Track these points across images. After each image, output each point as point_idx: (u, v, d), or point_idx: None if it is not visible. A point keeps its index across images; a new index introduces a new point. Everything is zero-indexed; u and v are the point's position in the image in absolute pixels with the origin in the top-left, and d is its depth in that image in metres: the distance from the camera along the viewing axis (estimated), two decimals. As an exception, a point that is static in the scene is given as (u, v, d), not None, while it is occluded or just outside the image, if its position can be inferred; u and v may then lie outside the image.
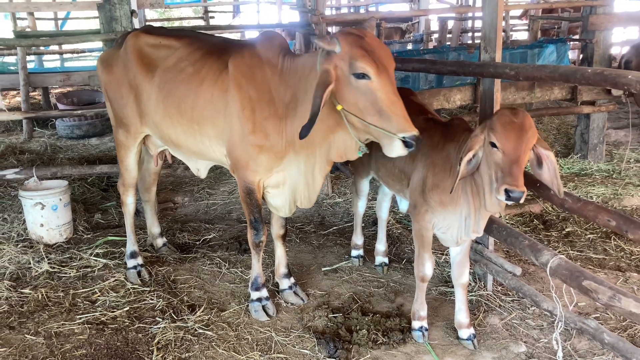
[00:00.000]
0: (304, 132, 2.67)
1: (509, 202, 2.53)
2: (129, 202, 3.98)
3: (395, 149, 2.65)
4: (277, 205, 3.36)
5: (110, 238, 4.61)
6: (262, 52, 3.07)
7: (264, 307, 3.43)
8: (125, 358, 3.10)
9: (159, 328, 3.33)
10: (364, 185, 3.94)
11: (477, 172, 2.74)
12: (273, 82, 3.02)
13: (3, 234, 4.75)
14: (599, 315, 3.42)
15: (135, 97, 3.51)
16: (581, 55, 6.47)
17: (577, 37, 6.69)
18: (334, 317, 3.37)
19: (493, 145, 2.56)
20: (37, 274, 4.03)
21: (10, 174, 4.81)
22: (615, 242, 4.41)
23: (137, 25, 7.69)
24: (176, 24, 22.27)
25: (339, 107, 2.74)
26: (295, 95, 2.99)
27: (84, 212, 5.21)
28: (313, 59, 2.88)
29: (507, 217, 4.94)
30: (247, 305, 3.51)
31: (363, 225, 4.24)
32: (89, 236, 4.78)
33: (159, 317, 3.45)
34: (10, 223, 4.91)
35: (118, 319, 3.45)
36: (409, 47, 10.24)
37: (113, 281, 3.91)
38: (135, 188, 4.01)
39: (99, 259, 4.23)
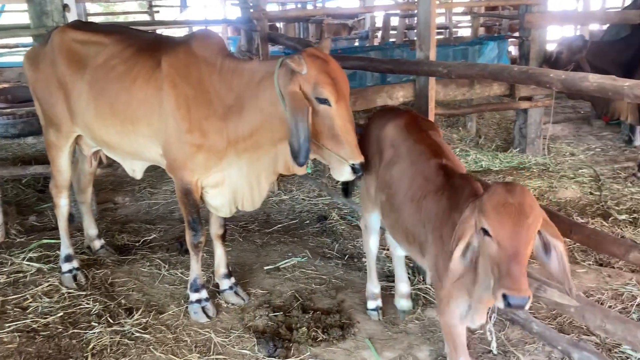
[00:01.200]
0: (302, 160, 2.69)
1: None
2: (62, 205, 3.84)
3: (344, 174, 2.78)
4: (216, 206, 3.31)
5: (45, 241, 4.44)
6: (198, 51, 3.01)
7: (203, 309, 3.38)
8: (55, 366, 3.00)
9: (94, 333, 3.24)
10: (373, 220, 3.25)
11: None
12: (211, 82, 2.97)
13: None
14: (531, 305, 3.53)
15: (65, 95, 3.39)
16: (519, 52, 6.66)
17: (516, 34, 6.86)
18: (274, 316, 3.36)
19: (485, 232, 1.97)
20: (-37, 281, 3.85)
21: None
22: (549, 234, 4.56)
23: (71, 20, 7.43)
24: (121, 18, 21.73)
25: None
26: (241, 99, 2.95)
27: (17, 214, 5.01)
28: (266, 69, 2.88)
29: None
30: (187, 307, 3.45)
31: (378, 265, 3.67)
32: (22, 240, 4.59)
33: (95, 322, 3.35)
34: (-63, 228, 4.66)
35: (51, 325, 3.33)
36: (356, 43, 10.30)
37: (47, 286, 3.77)
38: (69, 189, 3.87)
39: (32, 264, 4.07)
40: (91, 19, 17.34)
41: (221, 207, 3.30)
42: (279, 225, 4.87)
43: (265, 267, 4.01)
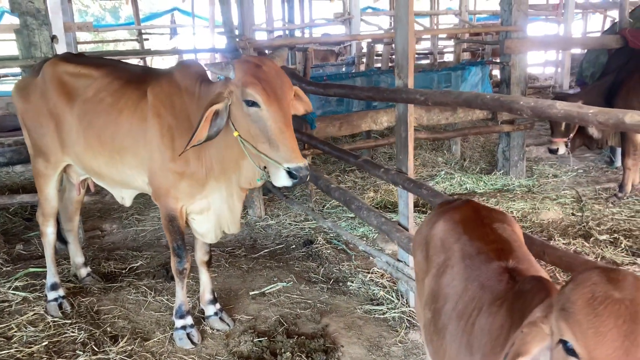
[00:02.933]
0: (184, 148, 2.75)
1: None
2: (48, 233, 3.87)
3: (280, 179, 2.70)
4: (202, 232, 3.36)
5: (31, 270, 4.44)
6: (180, 80, 3.10)
7: (188, 335, 3.40)
8: (40, 396, 3.00)
9: (81, 361, 3.25)
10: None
11: None
12: (192, 110, 3.05)
13: None
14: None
15: (56, 126, 3.45)
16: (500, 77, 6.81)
17: (497, 59, 7.03)
18: (259, 341, 3.38)
19: (570, 351, 1.22)
20: (-51, 311, 3.84)
21: None
22: (531, 255, 4.63)
23: (60, 51, 7.53)
24: (111, 45, 21.91)
25: (235, 134, 2.82)
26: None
27: (4, 243, 5.01)
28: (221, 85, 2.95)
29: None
30: (172, 334, 3.47)
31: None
32: (8, 268, 4.59)
33: (80, 351, 3.35)
34: None
35: (35, 355, 3.33)
36: (343, 69, 10.47)
37: (32, 315, 3.77)
38: (56, 218, 3.90)
39: (17, 293, 4.08)
40: (82, 46, 17.51)
41: (207, 232, 3.35)
42: (265, 250, 4.91)
43: (251, 293, 4.04)
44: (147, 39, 17.05)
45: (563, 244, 4.78)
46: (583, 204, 5.77)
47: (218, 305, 3.63)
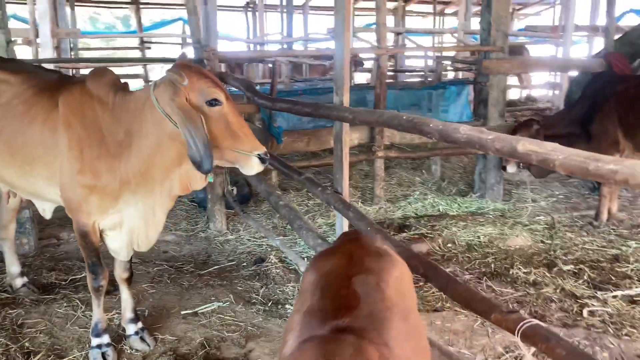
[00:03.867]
0: (207, 167, 2.72)
1: None
2: (-27, 241, 3.76)
3: (254, 167, 2.84)
4: (114, 249, 3.23)
5: (-31, 278, 4.34)
6: (93, 89, 2.99)
7: (103, 354, 3.25)
8: None
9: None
10: None
11: None
12: (104, 120, 2.94)
13: None
14: None
15: None
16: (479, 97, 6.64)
17: (475, 79, 6.89)
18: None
19: None
20: None
21: None
22: (487, 284, 4.44)
23: (44, 56, 7.44)
24: (119, 53, 22.00)
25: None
26: (129, 131, 2.92)
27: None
28: (145, 94, 2.87)
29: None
30: (87, 353, 3.32)
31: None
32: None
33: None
34: None
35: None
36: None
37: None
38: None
39: (-53, 301, 3.97)
40: (88, 53, 17.62)
41: (119, 249, 3.22)
42: (215, 267, 4.76)
43: (183, 312, 3.88)
44: (149, 48, 17.11)
45: (523, 272, 4.58)
46: (555, 231, 5.56)
47: (140, 324, 3.48)
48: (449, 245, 5.24)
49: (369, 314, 1.70)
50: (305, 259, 4.63)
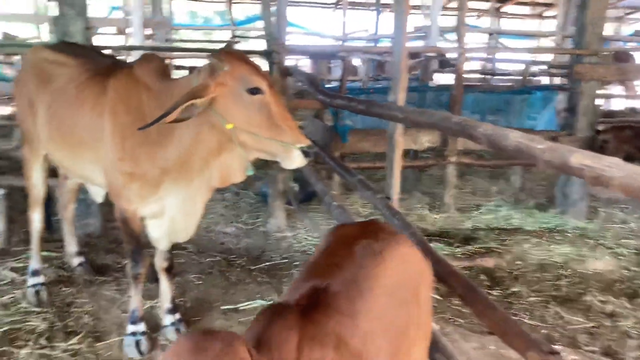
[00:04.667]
0: (143, 127, 2.61)
1: None
2: (35, 219, 3.89)
3: (296, 160, 2.67)
4: (155, 237, 3.20)
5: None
6: (140, 75, 2.95)
7: (137, 343, 3.23)
8: (-28, 382, 2.96)
9: (24, 353, 3.18)
10: None
11: None
12: (148, 107, 2.89)
13: (-62, 237, 4.74)
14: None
15: (33, 114, 3.44)
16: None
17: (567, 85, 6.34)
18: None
19: None
20: (-59, 283, 3.97)
21: (-50, 178, 4.83)
22: (555, 309, 4.03)
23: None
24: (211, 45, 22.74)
25: (229, 126, 2.65)
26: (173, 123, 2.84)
27: (24, 223, 5.16)
28: (189, 81, 2.78)
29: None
30: (123, 339, 3.32)
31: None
32: (19, 248, 4.70)
33: (31, 342, 3.30)
34: (-53, 228, 4.91)
35: (-10, 338, 3.32)
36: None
37: (8, 298, 3.80)
38: (43, 204, 3.91)
39: (10, 273, 4.15)
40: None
41: (160, 238, 3.18)
42: (267, 264, 4.67)
43: (224, 307, 3.81)
44: (238, 42, 17.47)
45: (599, 300, 4.12)
46: (644, 257, 4.98)
47: (177, 316, 3.44)
48: (518, 262, 4.84)
49: (353, 280, 1.76)
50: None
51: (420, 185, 7.11)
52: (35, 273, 3.87)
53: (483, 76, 12.66)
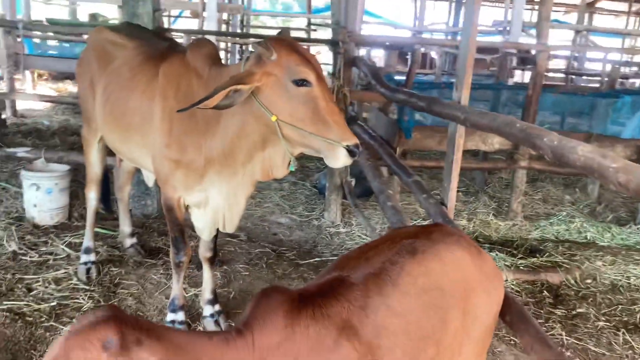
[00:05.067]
0: (182, 110, 2.51)
1: None
2: (90, 198, 3.94)
3: (340, 159, 2.47)
4: (198, 227, 3.14)
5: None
6: (191, 61, 2.87)
7: (175, 331, 3.19)
8: (15, 356, 3.01)
9: (66, 330, 3.22)
10: None
11: None
12: (197, 94, 2.80)
13: (5, 207, 4.95)
14: None
15: (93, 94, 3.46)
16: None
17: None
18: None
19: None
20: (3, 253, 4.11)
21: (20, 152, 5.02)
22: (625, 337, 3.65)
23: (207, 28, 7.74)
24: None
25: (273, 118, 2.51)
26: (220, 111, 2.75)
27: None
28: (238, 68, 2.66)
29: (514, 282, 4.31)
30: (162, 325, 3.30)
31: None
32: (79, 224, 4.83)
33: (76, 319, 3.34)
34: (15, 199, 5.12)
35: (38, 312, 3.39)
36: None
37: (61, 273, 3.88)
38: (99, 184, 3.96)
39: (66, 249, 4.24)
40: (261, 31, 18.46)
41: (203, 228, 3.12)
42: (316, 259, 4.54)
43: (266, 301, 3.71)
44: (314, 30, 17.40)
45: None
46: None
47: (217, 307, 3.38)
48: (588, 281, 4.45)
49: (376, 275, 1.71)
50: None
51: (488, 188, 6.74)
52: (88, 250, 3.93)
53: (567, 76, 11.93)
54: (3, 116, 6.64)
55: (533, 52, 9.06)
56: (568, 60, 10.52)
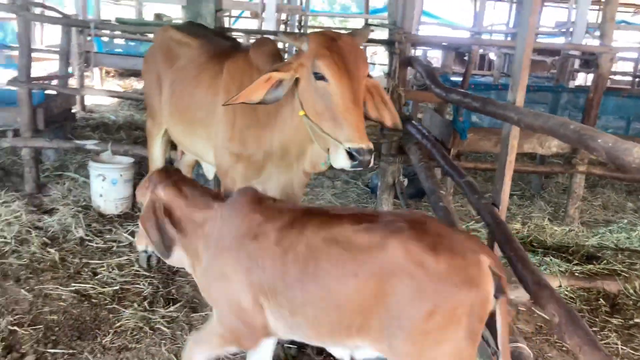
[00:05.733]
0: (227, 103, 2.64)
1: None
2: (152, 189, 4.13)
3: (339, 160, 2.43)
4: (257, 220, 3.24)
5: (154, 220, 4.84)
6: (254, 58, 2.98)
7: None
8: (82, 333, 3.22)
9: (128, 313, 3.41)
10: None
11: None
12: None
13: (74, 196, 5.26)
14: None
15: (159, 91, 3.64)
16: None
17: None
18: (288, 347, 3.16)
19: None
20: (71, 238, 4.38)
21: (89, 144, 5.30)
22: (686, 350, 3.53)
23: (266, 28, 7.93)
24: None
25: (301, 113, 2.60)
26: (278, 102, 2.85)
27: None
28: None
29: (568, 288, 4.22)
30: (215, 313, 3.44)
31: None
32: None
33: (137, 303, 3.53)
34: (83, 188, 5.42)
35: (102, 295, 3.61)
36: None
37: (124, 259, 4.10)
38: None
39: (129, 237, 4.47)
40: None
41: (261, 221, 3.22)
42: (366, 257, 4.58)
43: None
44: (372, 31, 17.36)
45: None
46: None
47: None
48: (648, 291, 4.30)
49: (322, 222, 2.15)
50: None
51: (544, 192, 6.59)
52: (149, 239, 4.12)
53: (635, 79, 11.44)
54: (73, 110, 7.00)
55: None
56: (635, 63, 10.08)
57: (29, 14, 5.03)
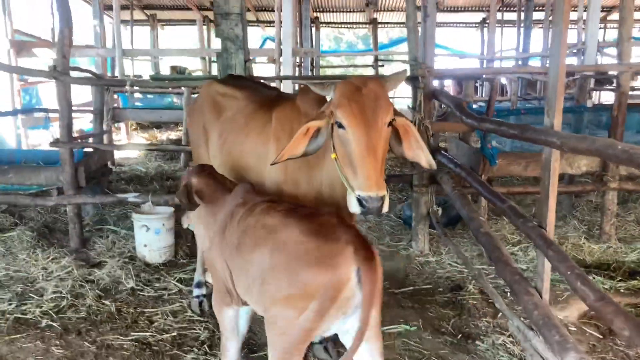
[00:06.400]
0: (274, 162, 2.85)
1: None
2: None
3: (351, 205, 2.60)
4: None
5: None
6: (301, 105, 3.16)
7: None
8: (148, 380, 3.32)
9: (190, 358, 3.51)
10: None
11: None
12: None
13: (118, 248, 5.42)
14: None
15: (206, 140, 3.82)
16: None
17: None
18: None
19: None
20: (123, 289, 4.52)
21: (131, 197, 5.48)
22: None
23: (285, 72, 8.24)
24: (350, 70, 23.39)
25: (332, 156, 2.77)
26: (325, 145, 3.00)
27: (190, 238, 5.70)
28: None
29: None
30: (275, 352, 3.52)
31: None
32: (184, 261, 5.21)
33: (196, 348, 3.63)
34: (127, 240, 5.58)
35: (162, 342, 3.71)
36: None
37: (177, 306, 4.22)
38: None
39: (178, 284, 4.60)
40: (330, 70, 19.01)
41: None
42: (410, 288, 4.66)
43: (368, 329, 3.86)
44: (382, 66, 17.77)
45: None
46: None
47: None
48: (696, 303, 4.30)
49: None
50: (503, 293, 4.25)
51: (576, 212, 6.63)
52: (199, 285, 4.25)
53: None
54: (109, 165, 7.25)
55: (612, 72, 8.91)
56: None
57: (69, 78, 5.30)
